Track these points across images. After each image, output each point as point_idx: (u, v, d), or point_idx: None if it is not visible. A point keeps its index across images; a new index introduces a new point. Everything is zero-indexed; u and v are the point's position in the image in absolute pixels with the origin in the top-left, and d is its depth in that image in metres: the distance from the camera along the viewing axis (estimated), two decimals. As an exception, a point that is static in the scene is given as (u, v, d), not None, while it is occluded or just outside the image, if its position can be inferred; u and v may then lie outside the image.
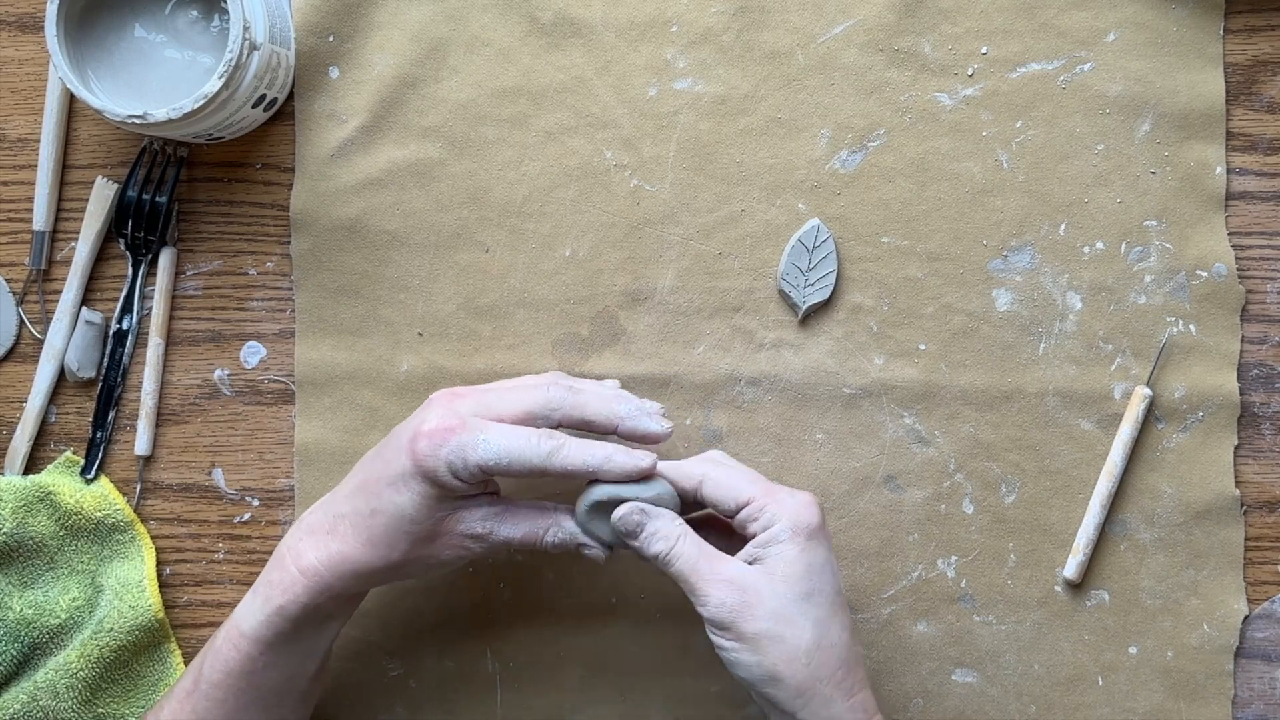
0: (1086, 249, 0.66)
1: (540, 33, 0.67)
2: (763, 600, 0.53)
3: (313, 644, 0.59)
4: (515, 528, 0.57)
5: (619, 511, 0.55)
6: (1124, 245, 0.66)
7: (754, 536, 0.55)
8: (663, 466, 0.57)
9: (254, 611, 0.56)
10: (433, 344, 0.67)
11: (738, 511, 0.55)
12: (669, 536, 0.55)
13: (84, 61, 0.62)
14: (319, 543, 0.56)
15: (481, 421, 0.55)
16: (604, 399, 0.57)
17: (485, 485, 0.57)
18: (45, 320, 0.67)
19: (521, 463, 0.54)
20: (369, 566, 0.56)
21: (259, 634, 0.56)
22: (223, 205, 0.68)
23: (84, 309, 0.67)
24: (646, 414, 0.58)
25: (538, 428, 0.56)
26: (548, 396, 0.57)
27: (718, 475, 0.56)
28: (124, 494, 0.67)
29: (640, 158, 0.66)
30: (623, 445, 0.56)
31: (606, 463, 0.55)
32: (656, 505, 0.56)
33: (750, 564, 0.54)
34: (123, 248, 0.67)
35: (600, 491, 0.56)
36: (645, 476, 0.56)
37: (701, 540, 0.55)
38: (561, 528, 0.57)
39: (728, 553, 0.56)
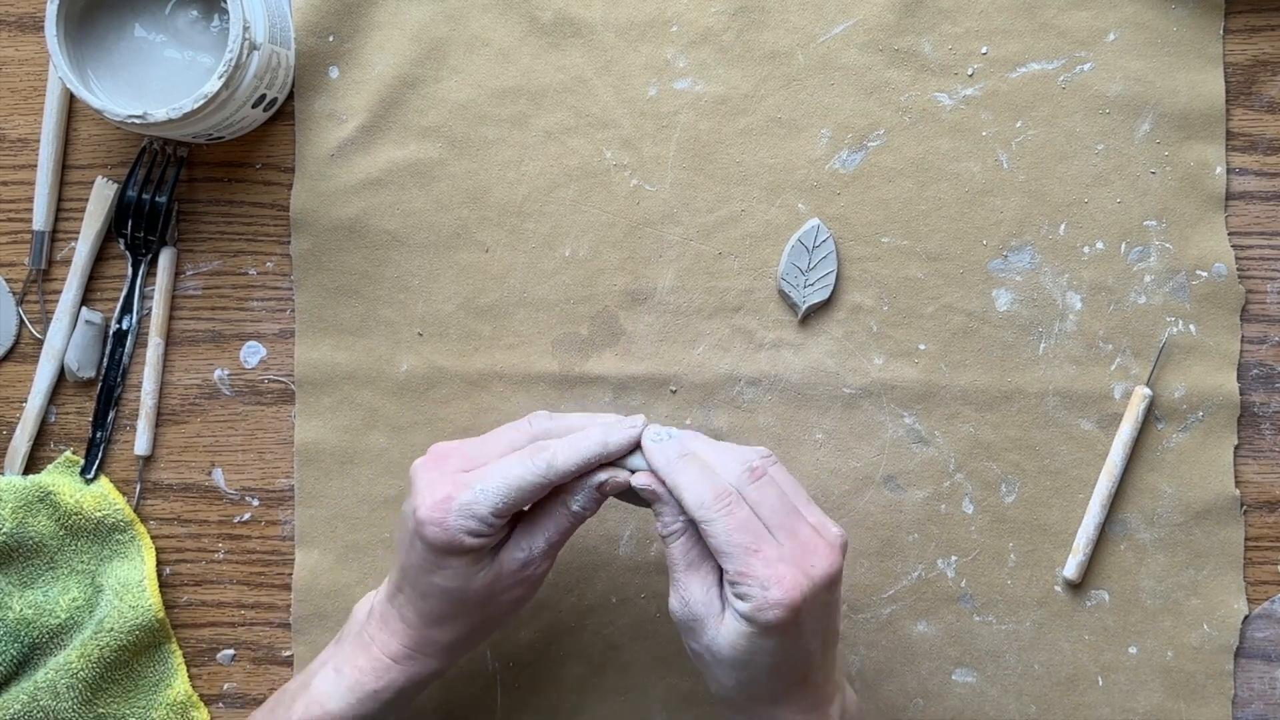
0: (1086, 249, 0.66)
1: (540, 33, 0.67)
2: (705, 632, 0.53)
3: (396, 716, 0.59)
4: (545, 529, 0.56)
5: (638, 479, 0.55)
6: (1124, 245, 0.66)
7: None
8: (672, 484, 0.54)
9: (342, 694, 0.57)
10: (433, 344, 0.67)
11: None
12: (667, 525, 0.55)
13: (84, 61, 0.62)
14: (397, 630, 0.57)
15: (470, 474, 0.55)
16: (578, 436, 0.56)
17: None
18: (45, 320, 0.67)
19: (527, 489, 0.54)
20: (450, 641, 0.57)
21: (347, 716, 0.57)
22: (223, 205, 0.68)
23: (84, 309, 0.67)
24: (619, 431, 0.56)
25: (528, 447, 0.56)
26: (533, 430, 0.57)
27: (709, 530, 0.53)
28: (124, 494, 0.67)
29: (640, 158, 0.66)
30: (607, 422, 0.56)
31: (604, 449, 0.55)
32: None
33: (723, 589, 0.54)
34: (123, 248, 0.67)
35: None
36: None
37: (692, 546, 0.54)
38: (577, 493, 0.56)
39: None
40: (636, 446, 0.56)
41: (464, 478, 0.55)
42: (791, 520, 0.53)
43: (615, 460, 0.56)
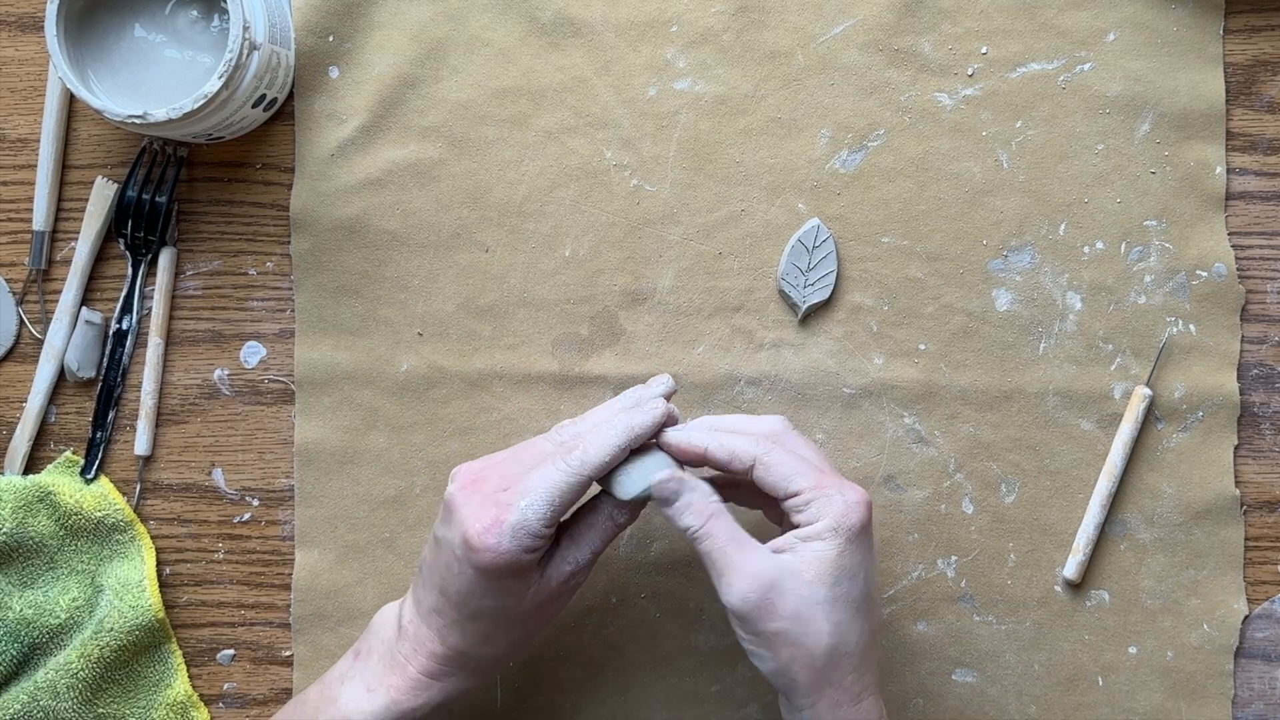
0: (1086, 249, 0.66)
1: (540, 33, 0.67)
2: (785, 599, 0.52)
3: None
4: (589, 541, 0.56)
5: (657, 478, 0.55)
6: (1124, 245, 0.66)
7: (796, 525, 0.54)
8: (714, 446, 0.55)
9: (376, 712, 0.56)
10: (433, 344, 0.67)
11: (785, 499, 0.54)
12: (701, 513, 0.54)
13: (84, 61, 0.62)
14: (435, 651, 0.56)
15: (509, 493, 0.54)
16: (604, 426, 0.56)
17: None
18: (45, 320, 0.67)
19: (568, 491, 0.54)
20: (495, 656, 0.57)
21: None
22: (223, 205, 0.68)
23: (84, 309, 0.67)
24: (643, 410, 0.57)
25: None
26: (560, 438, 0.57)
27: (769, 460, 0.54)
28: (124, 494, 0.67)
29: (640, 158, 0.66)
30: (628, 409, 0.57)
31: (631, 433, 0.55)
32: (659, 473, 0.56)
33: (781, 552, 0.53)
34: (123, 248, 0.67)
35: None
36: (662, 427, 0.56)
37: (734, 524, 0.54)
38: (618, 506, 0.56)
39: (755, 507, 0.58)
40: (660, 427, 0.56)
41: (504, 497, 0.54)
42: (824, 460, 0.56)
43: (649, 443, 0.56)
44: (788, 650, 0.52)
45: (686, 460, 0.56)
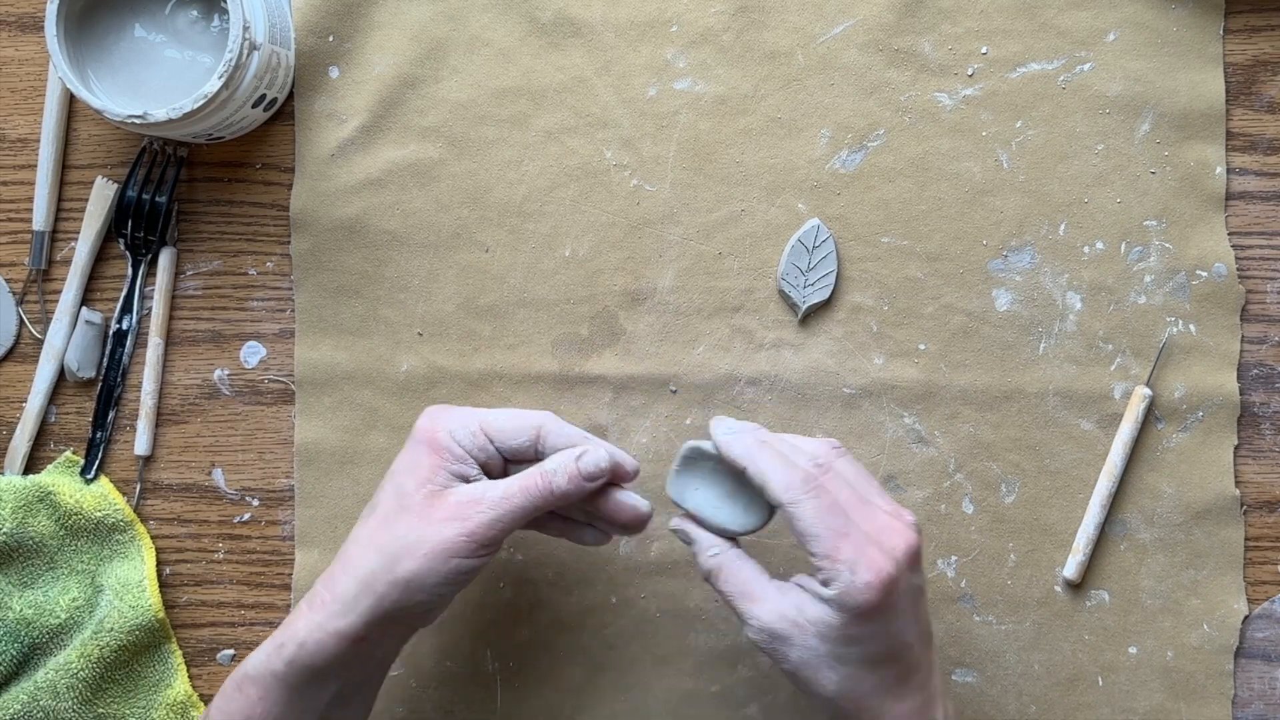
0: (1086, 249, 0.66)
1: (540, 33, 0.67)
2: (791, 651, 0.53)
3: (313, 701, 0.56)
4: (511, 480, 0.55)
5: (674, 523, 0.58)
6: (1124, 245, 0.66)
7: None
8: (753, 471, 0.54)
9: (262, 649, 0.55)
10: (433, 344, 0.67)
11: (807, 553, 0.53)
12: (708, 555, 0.56)
13: (84, 61, 0.63)
14: (324, 576, 0.56)
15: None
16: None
17: (488, 467, 0.58)
18: (45, 320, 0.67)
19: (518, 423, 0.57)
20: (357, 575, 0.54)
21: (260, 673, 0.55)
22: (223, 205, 0.68)
23: (84, 309, 0.67)
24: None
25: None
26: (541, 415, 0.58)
27: (795, 512, 0.53)
28: (124, 494, 0.67)
29: (640, 158, 0.66)
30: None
31: (585, 439, 0.57)
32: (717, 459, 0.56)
33: (796, 594, 0.53)
34: (123, 248, 0.67)
35: (685, 448, 0.57)
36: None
37: (742, 566, 0.55)
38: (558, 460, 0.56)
39: None
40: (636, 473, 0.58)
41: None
42: (865, 507, 0.54)
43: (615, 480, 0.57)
44: (808, 682, 0.53)
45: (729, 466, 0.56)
